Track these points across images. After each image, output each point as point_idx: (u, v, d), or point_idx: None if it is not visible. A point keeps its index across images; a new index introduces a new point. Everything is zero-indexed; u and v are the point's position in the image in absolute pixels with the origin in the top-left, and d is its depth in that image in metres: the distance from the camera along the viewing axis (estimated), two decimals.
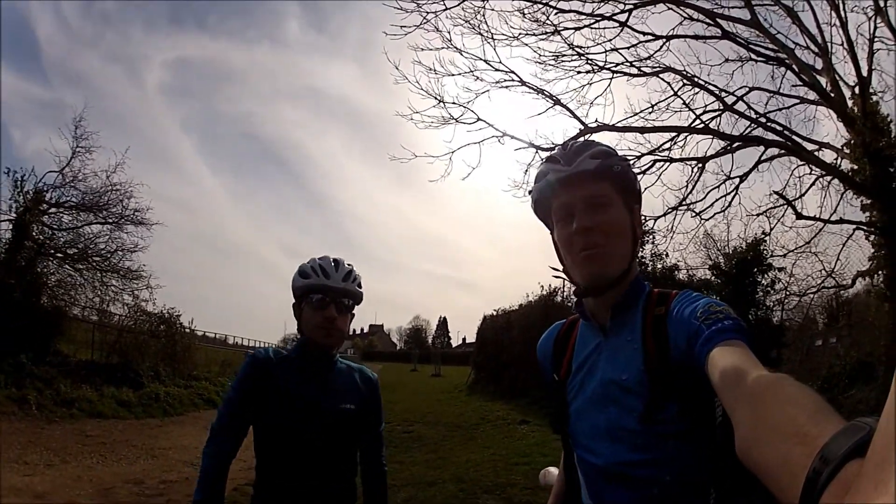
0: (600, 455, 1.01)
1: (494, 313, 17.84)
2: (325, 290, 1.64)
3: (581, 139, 1.12)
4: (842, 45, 8.10)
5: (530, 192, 1.13)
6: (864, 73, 7.84)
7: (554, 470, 1.33)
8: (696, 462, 0.94)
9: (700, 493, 0.95)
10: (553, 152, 1.10)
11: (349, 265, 1.71)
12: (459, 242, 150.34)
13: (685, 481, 0.94)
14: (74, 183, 12.42)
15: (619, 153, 1.08)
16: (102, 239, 12.90)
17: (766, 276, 9.85)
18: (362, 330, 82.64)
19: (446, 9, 8.13)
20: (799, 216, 8.50)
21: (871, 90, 7.87)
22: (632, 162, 8.54)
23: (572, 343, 1.14)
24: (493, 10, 8.43)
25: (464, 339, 70.13)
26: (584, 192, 1.02)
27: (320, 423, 1.61)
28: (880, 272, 7.92)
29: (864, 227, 8.15)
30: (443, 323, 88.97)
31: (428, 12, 8.12)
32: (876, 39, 7.81)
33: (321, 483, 1.61)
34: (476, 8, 8.23)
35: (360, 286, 1.72)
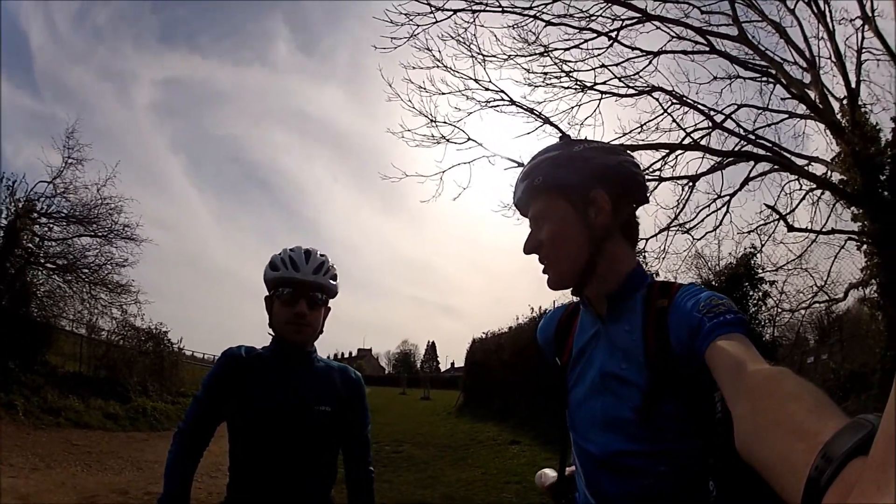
0: (596, 444, 1.01)
1: (484, 336, 17.56)
2: (294, 284, 1.55)
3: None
4: (829, 57, 8.27)
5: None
6: (853, 85, 7.98)
7: (549, 472, 1.32)
8: (693, 455, 0.93)
9: (698, 487, 0.94)
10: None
11: (322, 256, 1.62)
12: (446, 268, 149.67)
13: (682, 473, 0.93)
14: (65, 194, 12.39)
15: None
16: (92, 252, 12.82)
17: (756, 289, 9.78)
18: (350, 354, 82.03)
19: (436, 22, 8.18)
20: (791, 228, 8.58)
21: (859, 101, 7.98)
22: None
23: (575, 328, 1.14)
24: (482, 25, 8.43)
25: (452, 364, 69.29)
26: (529, 215, 1.08)
27: (290, 427, 1.51)
28: (873, 280, 7.96)
29: (856, 237, 8.21)
30: (431, 347, 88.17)
31: (418, 25, 8.17)
32: (864, 50, 7.99)
33: (288, 495, 1.50)
34: (465, 24, 8.27)
35: (334, 279, 1.62)
